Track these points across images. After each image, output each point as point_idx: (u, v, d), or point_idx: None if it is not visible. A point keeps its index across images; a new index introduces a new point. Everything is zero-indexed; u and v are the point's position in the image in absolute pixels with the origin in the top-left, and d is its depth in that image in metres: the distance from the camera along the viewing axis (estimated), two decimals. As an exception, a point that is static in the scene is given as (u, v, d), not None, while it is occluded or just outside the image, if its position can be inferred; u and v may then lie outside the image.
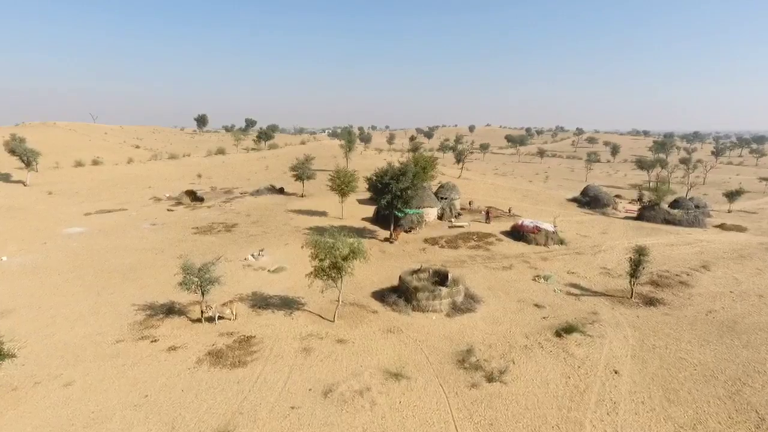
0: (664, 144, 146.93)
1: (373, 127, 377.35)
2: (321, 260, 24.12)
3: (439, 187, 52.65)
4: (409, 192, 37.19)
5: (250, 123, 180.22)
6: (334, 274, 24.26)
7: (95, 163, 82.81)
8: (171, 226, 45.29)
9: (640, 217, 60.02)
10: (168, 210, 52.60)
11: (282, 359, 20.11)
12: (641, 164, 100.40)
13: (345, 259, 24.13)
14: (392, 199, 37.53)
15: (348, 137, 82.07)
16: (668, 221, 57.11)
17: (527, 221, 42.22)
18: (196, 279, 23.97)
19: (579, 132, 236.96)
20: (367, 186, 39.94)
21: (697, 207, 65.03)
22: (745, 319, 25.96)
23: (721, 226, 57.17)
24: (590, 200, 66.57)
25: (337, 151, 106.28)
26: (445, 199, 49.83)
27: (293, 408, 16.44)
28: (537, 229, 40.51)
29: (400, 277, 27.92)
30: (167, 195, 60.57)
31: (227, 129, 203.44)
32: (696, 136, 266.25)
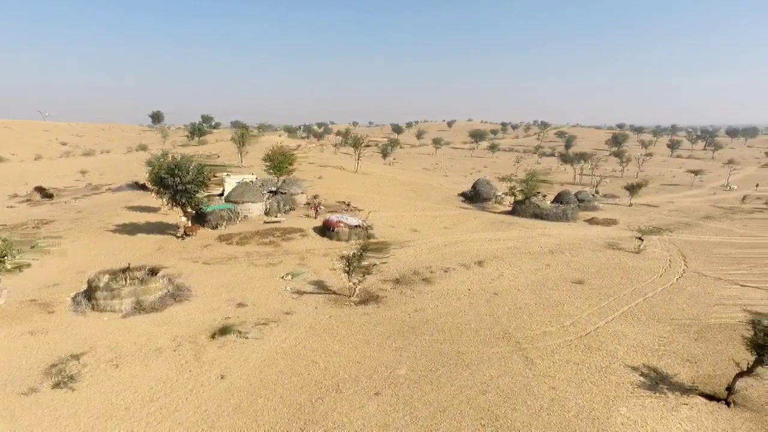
0: (616, 137, 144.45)
1: (355, 123, 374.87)
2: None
3: (282, 182, 51.02)
4: (189, 187, 35.49)
5: (206, 119, 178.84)
6: (-13, 273, 22.91)
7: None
8: (-17, 223, 43.92)
9: (513, 211, 58.39)
10: (8, 207, 51.34)
11: None
12: (564, 158, 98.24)
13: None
14: (175, 194, 35.92)
15: (242, 131, 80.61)
16: (537, 215, 55.53)
17: (334, 216, 40.61)
18: None
19: (544, 126, 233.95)
20: (151, 181, 38.30)
21: (581, 201, 63.30)
22: (439, 319, 24.28)
23: (590, 221, 55.43)
24: (474, 195, 64.85)
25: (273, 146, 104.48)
26: (284, 193, 48.17)
27: None
28: (339, 224, 38.88)
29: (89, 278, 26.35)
30: (28, 191, 59.30)
31: (200, 126, 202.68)
32: (673, 129, 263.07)
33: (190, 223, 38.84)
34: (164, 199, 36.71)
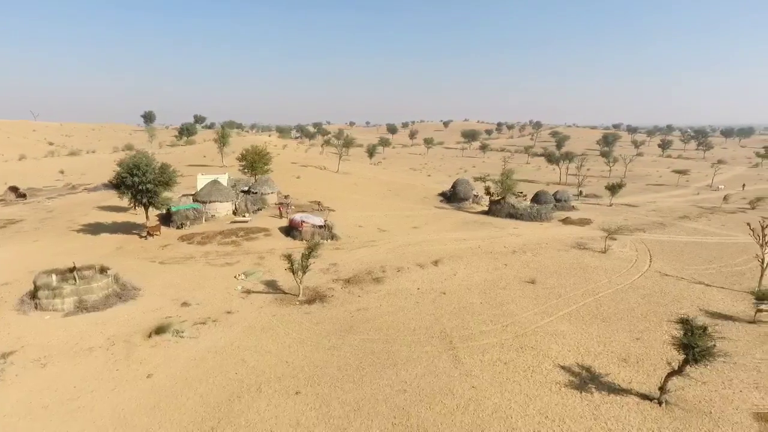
0: (607, 137, 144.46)
1: (351, 123, 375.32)
2: None
3: (254, 182, 51.01)
4: (149, 186, 35.49)
5: (198, 119, 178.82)
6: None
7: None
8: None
9: (489, 211, 58.35)
10: (-20, 207, 51.40)
11: None
12: (550, 158, 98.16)
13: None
14: (136, 194, 35.92)
15: (222, 131, 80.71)
16: (512, 215, 55.50)
17: (298, 216, 40.58)
18: None
19: (538, 126, 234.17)
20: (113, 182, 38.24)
21: (558, 200, 63.19)
22: (380, 318, 24.25)
23: (565, 220, 55.35)
24: (452, 194, 64.82)
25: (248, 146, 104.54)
26: (255, 193, 48.14)
27: None
28: (303, 224, 38.88)
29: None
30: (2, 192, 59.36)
31: (189, 126, 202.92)
32: (668, 129, 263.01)
33: (157, 222, 38.81)
34: (126, 199, 36.69)
